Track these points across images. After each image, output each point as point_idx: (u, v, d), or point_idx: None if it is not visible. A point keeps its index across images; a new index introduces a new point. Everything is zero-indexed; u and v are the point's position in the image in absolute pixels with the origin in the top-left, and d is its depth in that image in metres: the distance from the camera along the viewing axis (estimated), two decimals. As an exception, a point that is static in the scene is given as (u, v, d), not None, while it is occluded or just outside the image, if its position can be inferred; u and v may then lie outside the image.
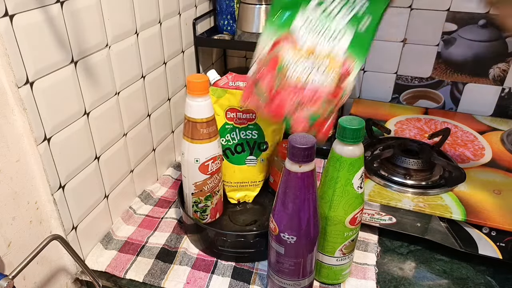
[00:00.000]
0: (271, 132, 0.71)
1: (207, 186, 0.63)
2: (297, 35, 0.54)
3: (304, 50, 0.53)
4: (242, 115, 0.69)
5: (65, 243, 0.51)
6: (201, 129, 0.59)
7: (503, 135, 0.82)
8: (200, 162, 0.61)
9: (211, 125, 0.60)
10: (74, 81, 0.54)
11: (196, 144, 0.60)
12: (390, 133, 0.82)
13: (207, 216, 0.67)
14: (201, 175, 0.62)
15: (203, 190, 0.63)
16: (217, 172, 0.64)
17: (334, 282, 0.58)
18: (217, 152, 0.62)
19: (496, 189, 0.65)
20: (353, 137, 0.47)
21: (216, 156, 0.62)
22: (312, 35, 0.53)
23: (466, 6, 0.86)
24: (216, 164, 0.63)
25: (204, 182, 0.63)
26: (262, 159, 0.72)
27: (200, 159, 0.61)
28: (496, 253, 0.59)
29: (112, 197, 0.67)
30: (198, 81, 0.56)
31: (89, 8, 0.55)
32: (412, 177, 0.67)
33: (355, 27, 0.52)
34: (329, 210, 0.51)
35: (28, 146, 0.49)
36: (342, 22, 0.52)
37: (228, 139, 0.71)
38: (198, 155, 0.61)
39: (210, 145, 0.60)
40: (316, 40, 0.53)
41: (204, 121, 0.59)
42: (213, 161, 0.62)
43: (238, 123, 0.70)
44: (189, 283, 0.58)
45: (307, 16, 0.53)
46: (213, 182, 0.64)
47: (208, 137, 0.60)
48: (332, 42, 0.52)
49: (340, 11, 0.52)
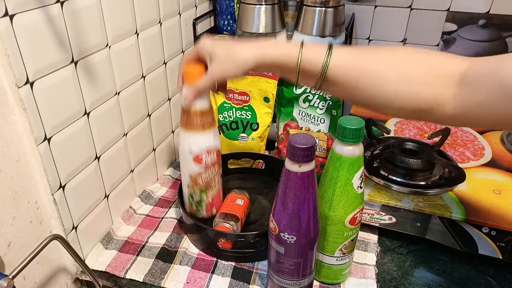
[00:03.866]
0: (263, 114, 0.81)
1: (202, 179, 0.62)
2: (298, 121, 0.80)
3: (303, 130, 0.80)
4: (238, 97, 0.81)
5: (65, 243, 0.51)
6: (194, 119, 0.58)
7: (503, 135, 0.81)
8: (193, 154, 0.60)
9: (206, 115, 0.59)
10: (74, 81, 0.54)
11: (190, 133, 0.59)
12: (390, 133, 0.82)
13: (203, 210, 0.66)
14: (196, 167, 0.61)
15: (198, 183, 0.63)
16: (212, 166, 0.62)
17: (334, 282, 0.58)
18: (213, 144, 0.61)
19: (496, 189, 0.65)
20: (353, 137, 0.47)
21: (211, 148, 0.61)
22: (306, 121, 0.80)
23: (466, 6, 0.86)
24: (212, 157, 0.61)
25: (198, 174, 0.62)
26: (253, 138, 0.83)
27: (194, 150, 0.60)
28: (496, 253, 0.59)
29: (112, 197, 0.67)
30: (194, 71, 0.55)
31: (89, 8, 0.55)
32: (412, 177, 0.67)
33: (329, 113, 0.77)
34: (329, 210, 0.51)
35: (28, 146, 0.49)
36: (322, 111, 0.77)
37: (225, 116, 0.83)
38: (192, 145, 0.60)
39: (204, 135, 0.59)
40: (309, 124, 0.79)
41: (198, 110, 0.58)
42: (208, 153, 0.61)
43: (235, 103, 0.82)
44: (189, 283, 0.58)
45: (299, 109, 0.79)
46: (208, 175, 0.63)
47: (201, 127, 0.59)
48: (318, 125, 0.78)
49: (319, 104, 0.77)
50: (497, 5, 0.84)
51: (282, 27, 0.86)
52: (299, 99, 0.78)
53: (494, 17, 0.84)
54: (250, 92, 0.79)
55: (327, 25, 0.82)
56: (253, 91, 0.79)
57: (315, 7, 0.81)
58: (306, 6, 0.82)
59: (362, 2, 0.92)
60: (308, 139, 0.45)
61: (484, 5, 0.85)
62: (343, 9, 0.83)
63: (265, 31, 0.84)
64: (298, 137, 0.45)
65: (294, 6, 0.92)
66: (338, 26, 0.83)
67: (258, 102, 0.80)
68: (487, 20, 0.85)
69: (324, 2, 0.80)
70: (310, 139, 0.45)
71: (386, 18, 0.92)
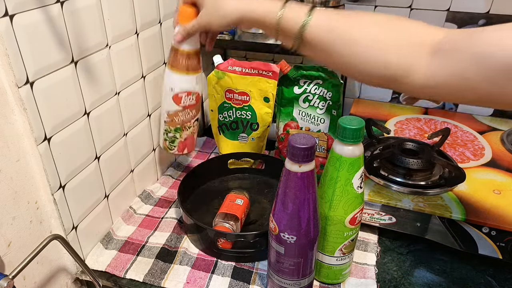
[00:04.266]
0: (263, 114, 0.81)
1: (178, 117, 0.65)
2: (298, 121, 0.80)
3: (303, 130, 0.80)
4: (238, 97, 0.80)
5: (65, 243, 0.51)
6: (181, 59, 0.61)
7: (503, 135, 0.82)
8: (174, 92, 0.63)
9: (192, 58, 0.61)
10: (74, 81, 0.54)
11: (174, 73, 0.62)
12: (390, 133, 0.82)
13: (175, 147, 0.68)
14: (174, 105, 0.64)
15: (174, 120, 0.65)
16: (190, 108, 0.66)
17: (334, 282, 0.58)
18: (193, 88, 0.64)
19: (496, 189, 0.65)
20: (353, 137, 0.47)
21: (191, 91, 0.64)
22: (306, 121, 0.79)
23: (466, 6, 0.86)
24: (190, 100, 0.65)
25: (175, 113, 0.65)
26: (253, 138, 0.83)
27: (175, 89, 0.63)
28: (496, 253, 0.59)
29: (112, 197, 0.67)
30: (187, 12, 0.57)
31: (89, 8, 0.55)
32: (412, 177, 0.67)
33: (329, 113, 0.77)
34: (329, 210, 0.51)
35: (28, 146, 0.49)
36: (322, 111, 0.77)
37: (225, 116, 0.83)
38: (174, 84, 0.63)
39: (187, 78, 0.62)
40: (309, 124, 0.79)
41: (185, 52, 0.60)
42: (187, 95, 0.64)
43: (235, 103, 0.81)
44: (189, 283, 0.58)
45: (299, 109, 0.79)
46: (185, 116, 0.66)
47: (185, 69, 0.62)
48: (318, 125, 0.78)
49: (319, 104, 0.76)
50: (497, 5, 0.84)
51: (282, 27, 0.86)
52: (299, 99, 0.78)
53: (494, 17, 0.84)
54: (250, 92, 0.79)
55: (327, 25, 0.82)
56: (253, 91, 0.79)
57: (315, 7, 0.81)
58: (306, 6, 0.82)
59: (362, 2, 0.92)
60: (308, 139, 0.45)
61: (484, 5, 0.85)
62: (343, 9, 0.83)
63: (265, 31, 0.84)
64: (298, 137, 0.45)
65: (294, 6, 0.92)
66: (338, 26, 0.83)
67: (258, 102, 0.80)
68: (487, 20, 0.85)
69: (324, 2, 0.80)
70: (310, 139, 0.45)
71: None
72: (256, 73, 0.77)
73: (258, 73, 0.77)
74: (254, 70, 0.77)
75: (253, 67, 0.77)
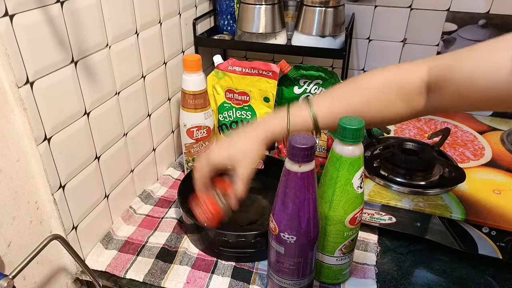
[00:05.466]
0: (263, 114, 0.81)
1: (193, 149, 0.77)
2: None
3: None
4: (238, 96, 0.81)
5: (65, 243, 0.51)
6: (188, 100, 0.73)
7: (503, 135, 0.82)
8: (186, 127, 0.75)
9: (198, 98, 0.73)
10: (74, 81, 0.54)
11: (184, 111, 0.75)
12: (390, 133, 0.83)
13: None
14: (188, 138, 0.76)
15: (191, 151, 0.78)
16: (203, 140, 0.77)
17: (334, 281, 0.58)
18: (202, 122, 0.75)
19: (496, 189, 0.65)
20: (353, 137, 0.47)
21: (201, 126, 0.75)
22: None
23: (466, 6, 0.86)
24: (202, 133, 0.76)
25: (190, 145, 0.77)
26: None
27: (187, 124, 0.75)
28: (496, 253, 0.59)
29: (112, 197, 0.67)
30: (190, 59, 0.71)
31: (89, 8, 0.55)
32: (412, 177, 0.67)
33: None
34: (329, 210, 0.51)
35: (28, 146, 0.49)
36: None
37: (225, 115, 0.84)
38: (185, 120, 0.75)
39: (195, 115, 0.74)
40: None
41: (191, 93, 0.72)
42: (198, 129, 0.75)
43: (235, 103, 0.82)
44: (189, 282, 0.58)
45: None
46: (199, 147, 0.77)
47: (194, 108, 0.74)
48: None
49: None
50: (497, 5, 0.84)
51: (282, 27, 0.86)
52: (299, 99, 0.78)
53: (494, 17, 0.84)
54: (250, 92, 0.79)
55: (327, 25, 0.82)
56: (253, 91, 0.79)
57: (315, 7, 0.81)
58: (306, 6, 0.82)
59: (362, 2, 0.92)
60: (308, 139, 0.45)
61: (484, 5, 0.85)
62: (343, 9, 0.83)
63: (265, 31, 0.84)
64: (298, 137, 0.45)
65: (294, 6, 0.92)
66: (338, 26, 0.83)
67: (258, 102, 0.80)
68: (487, 20, 0.85)
69: (324, 2, 0.80)
70: (310, 139, 0.45)
71: (386, 18, 0.92)
72: (256, 73, 0.77)
73: (258, 73, 0.77)
74: (254, 70, 0.77)
75: (253, 67, 0.77)
